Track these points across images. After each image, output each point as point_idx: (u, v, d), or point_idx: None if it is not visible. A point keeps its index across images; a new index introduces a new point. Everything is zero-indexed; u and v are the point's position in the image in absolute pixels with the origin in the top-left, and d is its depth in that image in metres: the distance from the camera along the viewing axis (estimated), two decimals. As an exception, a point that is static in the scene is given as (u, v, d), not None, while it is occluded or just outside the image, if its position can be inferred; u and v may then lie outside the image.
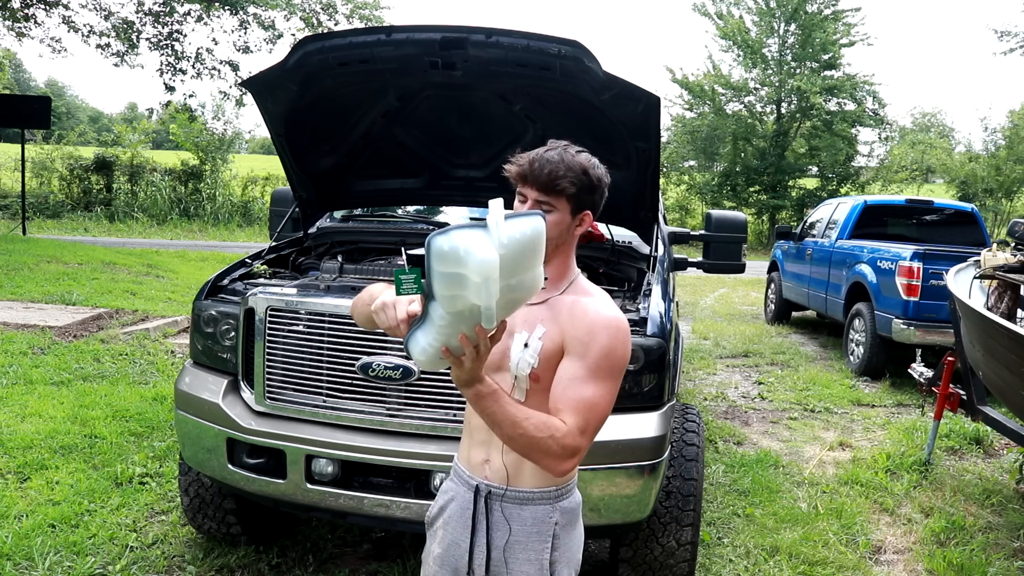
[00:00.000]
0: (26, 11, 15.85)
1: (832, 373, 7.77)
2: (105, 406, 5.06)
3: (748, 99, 25.87)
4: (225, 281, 3.26)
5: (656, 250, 3.47)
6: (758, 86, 25.53)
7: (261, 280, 3.39)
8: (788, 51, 25.00)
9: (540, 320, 1.68)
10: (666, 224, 4.33)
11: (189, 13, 16.56)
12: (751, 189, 25.82)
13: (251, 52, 17.16)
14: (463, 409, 2.68)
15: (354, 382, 2.75)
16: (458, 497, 1.77)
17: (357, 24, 17.10)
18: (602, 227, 3.88)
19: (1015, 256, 4.37)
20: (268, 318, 2.85)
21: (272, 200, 4.45)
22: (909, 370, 5.50)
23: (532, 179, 1.66)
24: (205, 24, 16.82)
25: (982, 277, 4.39)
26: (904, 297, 7.02)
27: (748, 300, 13.26)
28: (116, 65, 16.92)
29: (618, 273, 3.78)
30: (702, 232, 4.08)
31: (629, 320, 2.85)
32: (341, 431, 2.78)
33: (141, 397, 5.32)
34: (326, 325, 2.76)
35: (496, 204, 1.38)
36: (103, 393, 5.34)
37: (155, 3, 16.44)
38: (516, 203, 1.71)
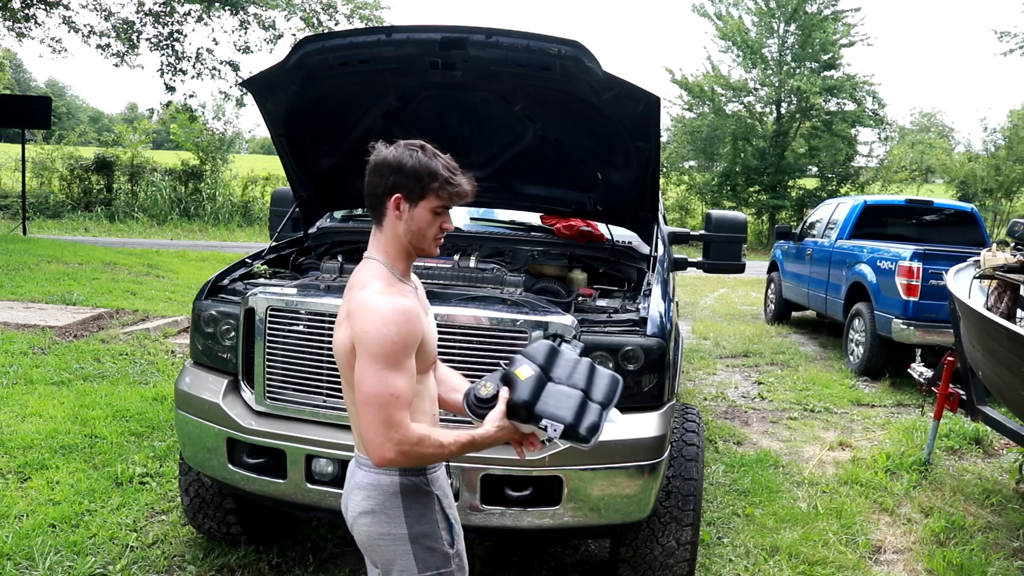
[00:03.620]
0: (26, 11, 15.85)
1: (832, 373, 7.77)
2: (105, 406, 5.06)
3: (748, 99, 25.88)
4: (225, 281, 3.27)
5: (656, 250, 3.48)
6: (758, 86, 25.53)
7: (261, 280, 3.39)
8: (788, 51, 24.99)
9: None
10: (666, 224, 4.33)
11: (189, 13, 16.56)
12: (751, 189, 25.81)
13: (251, 52, 17.17)
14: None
15: (354, 382, 2.75)
16: (445, 479, 1.98)
17: (357, 24, 17.10)
18: (602, 227, 3.88)
19: (1015, 256, 4.37)
20: (268, 318, 2.85)
21: (272, 200, 4.45)
22: (909, 370, 5.50)
23: (471, 198, 1.87)
24: (205, 24, 16.84)
25: (982, 277, 4.39)
26: (904, 297, 7.02)
27: (748, 300, 13.26)
28: (116, 65, 16.94)
29: (618, 273, 3.78)
30: (702, 232, 4.08)
31: (629, 320, 2.86)
32: (341, 431, 2.78)
33: (141, 397, 5.32)
34: (326, 325, 2.76)
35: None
36: (103, 393, 5.35)
37: (155, 3, 16.45)
38: (431, 214, 1.80)
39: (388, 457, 1.66)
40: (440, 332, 2.66)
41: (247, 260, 3.54)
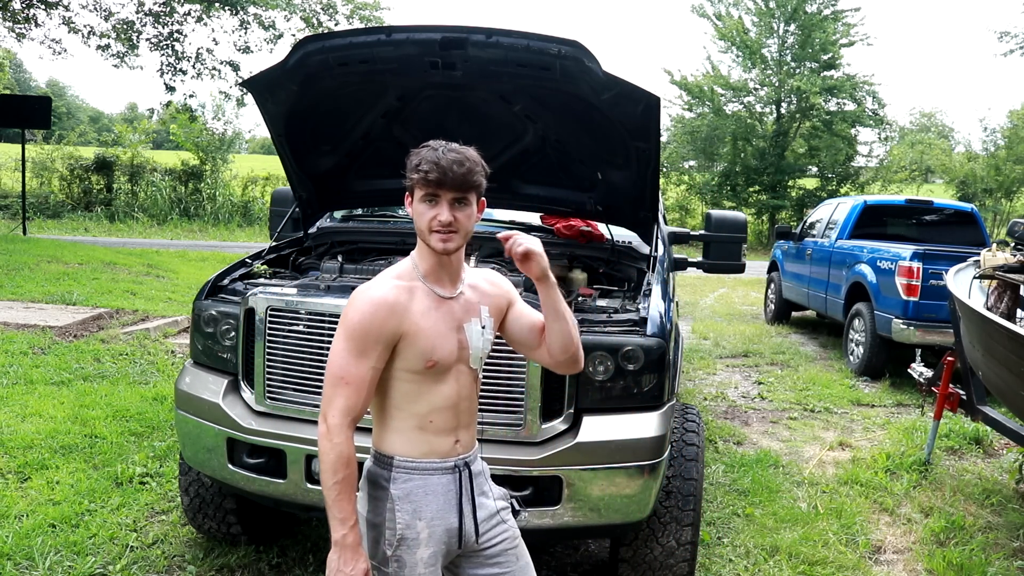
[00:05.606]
0: (26, 12, 15.85)
1: (832, 373, 7.77)
2: (105, 406, 5.06)
3: (747, 99, 25.89)
4: (225, 281, 3.27)
5: (656, 250, 3.47)
6: (757, 86, 25.55)
7: (261, 280, 3.39)
8: (788, 51, 25.01)
9: (476, 303, 1.91)
10: (666, 224, 4.33)
11: (189, 13, 16.57)
12: (751, 189, 25.82)
13: (251, 52, 17.20)
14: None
15: (354, 382, 2.75)
16: (432, 490, 1.85)
17: (357, 24, 17.12)
18: (602, 227, 3.88)
19: (1015, 256, 4.37)
20: (268, 318, 2.85)
21: (272, 200, 4.45)
22: (909, 370, 5.50)
23: (450, 182, 1.74)
24: (205, 24, 16.86)
25: (982, 277, 4.39)
26: (904, 297, 7.02)
27: (748, 300, 13.26)
28: (116, 66, 16.97)
29: (618, 273, 3.78)
30: (702, 232, 4.08)
31: (629, 320, 2.86)
32: (341, 431, 2.77)
33: (141, 397, 5.32)
34: (326, 325, 2.76)
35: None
36: (103, 393, 5.35)
37: (155, 3, 16.46)
38: (422, 205, 1.78)
39: (320, 428, 1.79)
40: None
41: (247, 260, 3.54)
